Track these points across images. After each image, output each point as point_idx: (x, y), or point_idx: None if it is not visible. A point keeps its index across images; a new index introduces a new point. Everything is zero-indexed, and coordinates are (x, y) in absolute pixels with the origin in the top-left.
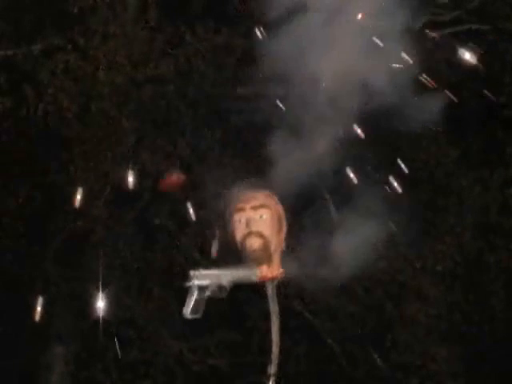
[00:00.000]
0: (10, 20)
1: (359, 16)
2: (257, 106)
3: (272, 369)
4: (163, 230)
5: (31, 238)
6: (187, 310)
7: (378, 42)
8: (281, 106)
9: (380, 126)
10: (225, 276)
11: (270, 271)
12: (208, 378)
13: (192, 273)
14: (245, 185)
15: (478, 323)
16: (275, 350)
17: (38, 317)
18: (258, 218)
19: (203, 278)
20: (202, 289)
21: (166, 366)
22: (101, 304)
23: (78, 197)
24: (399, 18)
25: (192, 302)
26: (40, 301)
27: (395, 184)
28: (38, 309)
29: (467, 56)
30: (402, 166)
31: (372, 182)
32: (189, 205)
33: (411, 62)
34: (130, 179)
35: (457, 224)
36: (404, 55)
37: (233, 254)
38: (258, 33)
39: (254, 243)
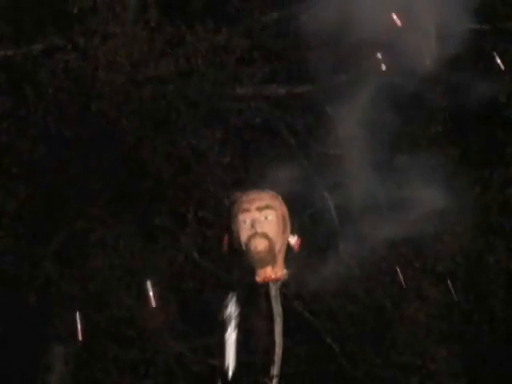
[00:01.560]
0: (10, 20)
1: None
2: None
3: (275, 370)
4: (163, 230)
5: (31, 237)
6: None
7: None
8: None
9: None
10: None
11: (273, 272)
12: (208, 378)
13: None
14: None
15: (478, 323)
16: (278, 351)
17: None
18: (263, 219)
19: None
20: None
21: (166, 365)
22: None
23: None
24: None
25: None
26: None
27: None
28: None
29: None
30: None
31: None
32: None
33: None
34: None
35: (457, 224)
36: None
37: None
38: None
39: (259, 244)
